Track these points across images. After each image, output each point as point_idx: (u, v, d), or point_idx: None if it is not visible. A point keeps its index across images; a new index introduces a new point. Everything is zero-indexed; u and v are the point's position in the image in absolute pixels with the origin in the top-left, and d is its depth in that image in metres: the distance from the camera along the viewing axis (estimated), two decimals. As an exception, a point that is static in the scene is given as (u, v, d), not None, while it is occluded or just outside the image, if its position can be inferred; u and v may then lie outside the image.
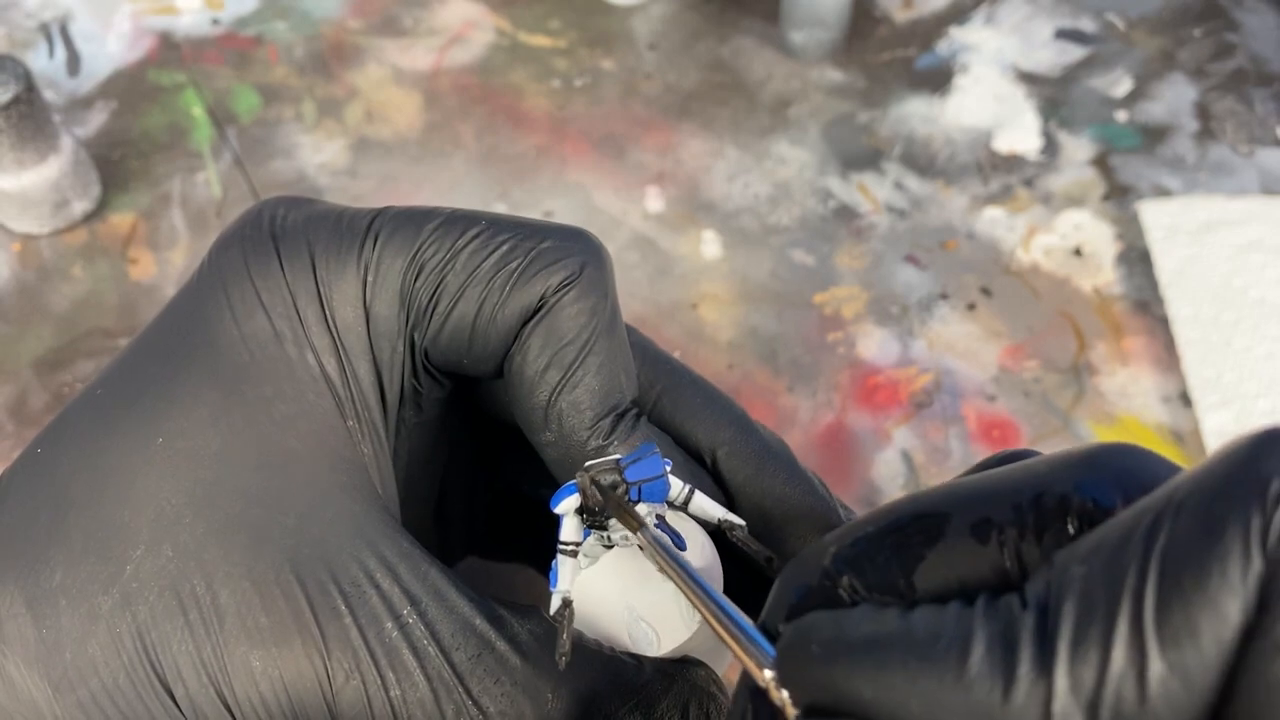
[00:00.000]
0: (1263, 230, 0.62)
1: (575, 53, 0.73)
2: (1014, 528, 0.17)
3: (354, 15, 0.75)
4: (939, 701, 0.15)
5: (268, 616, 0.21)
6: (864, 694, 0.15)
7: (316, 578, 0.22)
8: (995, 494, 0.17)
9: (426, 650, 0.21)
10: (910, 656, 0.15)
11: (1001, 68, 0.72)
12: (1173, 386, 0.57)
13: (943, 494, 0.18)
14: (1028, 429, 0.55)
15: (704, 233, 0.63)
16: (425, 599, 0.22)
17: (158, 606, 0.22)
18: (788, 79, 0.71)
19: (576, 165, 0.67)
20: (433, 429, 0.29)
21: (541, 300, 0.25)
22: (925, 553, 0.17)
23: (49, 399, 0.56)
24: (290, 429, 0.23)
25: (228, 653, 0.21)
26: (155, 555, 0.22)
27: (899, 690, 0.15)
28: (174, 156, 0.67)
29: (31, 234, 0.63)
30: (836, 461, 0.54)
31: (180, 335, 0.25)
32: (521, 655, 0.22)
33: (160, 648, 0.22)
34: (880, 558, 0.18)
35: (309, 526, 0.22)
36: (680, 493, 0.23)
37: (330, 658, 0.21)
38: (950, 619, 0.15)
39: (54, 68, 0.72)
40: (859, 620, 0.16)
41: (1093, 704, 0.14)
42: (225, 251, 0.26)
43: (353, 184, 0.66)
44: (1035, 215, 0.64)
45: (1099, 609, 0.14)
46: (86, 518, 0.23)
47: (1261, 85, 0.70)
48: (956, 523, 0.17)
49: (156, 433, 0.23)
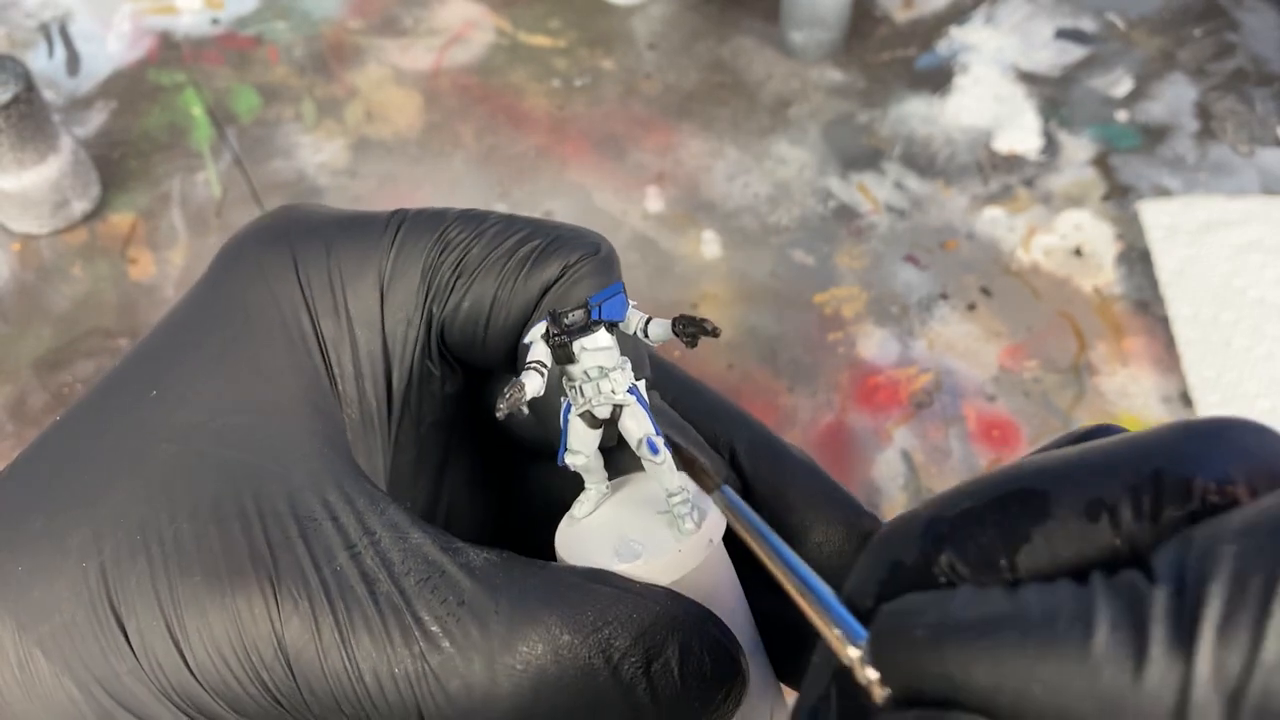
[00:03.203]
0: (1262, 230, 0.62)
1: (575, 53, 0.73)
2: (1129, 507, 0.16)
3: (354, 15, 0.75)
4: (1063, 685, 0.14)
5: (223, 548, 0.22)
6: (979, 680, 0.15)
7: (275, 510, 0.22)
8: (1106, 470, 0.16)
9: (377, 576, 0.22)
10: (1028, 638, 0.14)
11: (1001, 68, 0.72)
12: (1173, 386, 0.57)
13: (1045, 469, 0.17)
14: (1028, 429, 0.55)
15: (704, 233, 0.63)
16: (381, 531, 0.22)
17: (123, 543, 0.22)
18: (788, 79, 0.71)
19: (576, 165, 0.67)
20: (444, 431, 0.29)
21: (562, 272, 0.25)
22: (1031, 532, 0.16)
23: (49, 399, 0.56)
24: (275, 383, 0.24)
25: (182, 586, 0.22)
26: (129, 495, 0.23)
27: (1019, 675, 0.14)
28: (174, 156, 0.67)
29: (31, 234, 0.63)
30: (836, 461, 0.54)
31: (184, 312, 0.26)
32: (472, 578, 0.22)
33: (119, 584, 0.22)
34: (983, 535, 0.17)
35: (276, 466, 0.23)
36: (639, 321, 0.24)
37: (280, 586, 0.22)
38: (1066, 597, 0.14)
39: (54, 68, 0.72)
40: (966, 602, 0.15)
41: (1235, 695, 0.13)
42: (239, 242, 0.27)
43: (353, 184, 0.66)
44: (1035, 215, 0.64)
45: (1253, 592, 0.13)
46: (74, 467, 0.24)
47: (1261, 85, 0.70)
48: (1065, 500, 0.16)
49: (150, 386, 0.24)
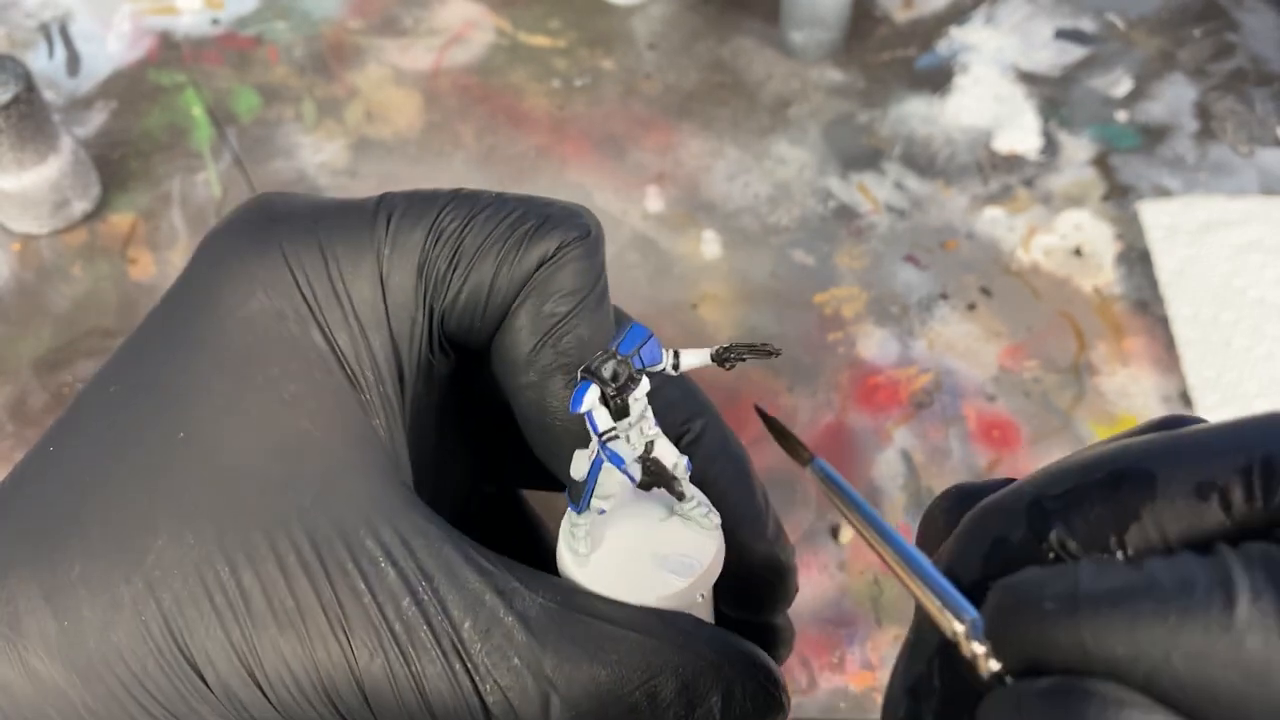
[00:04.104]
0: (1262, 230, 0.62)
1: (575, 53, 0.73)
2: (1240, 488, 0.16)
3: (354, 15, 0.75)
4: (1206, 654, 0.13)
5: (293, 598, 0.22)
6: (1117, 650, 0.14)
7: (336, 558, 0.23)
8: (1214, 453, 0.16)
9: (442, 626, 0.22)
10: (1167, 607, 0.14)
11: (1001, 68, 0.72)
12: (1173, 386, 0.57)
13: (1150, 450, 0.17)
14: (1028, 429, 0.55)
15: (704, 233, 0.63)
16: (437, 574, 0.23)
17: (182, 593, 0.22)
18: (788, 79, 0.71)
19: (576, 165, 0.67)
20: (436, 409, 0.29)
21: (557, 251, 0.26)
22: (1140, 510, 0.16)
23: (49, 399, 0.56)
24: (300, 409, 0.24)
25: (256, 635, 0.22)
26: (177, 543, 0.23)
27: (1158, 644, 0.14)
28: (174, 156, 0.67)
29: (31, 234, 0.63)
30: (836, 461, 0.54)
31: (183, 324, 0.25)
32: (526, 628, 0.23)
33: (188, 632, 0.22)
34: (1092, 512, 0.16)
35: (326, 507, 0.23)
36: (669, 357, 0.24)
37: (353, 637, 0.22)
38: (1197, 568, 0.14)
39: (54, 68, 0.72)
40: (1093, 574, 0.15)
41: None
42: (218, 238, 0.26)
43: (353, 184, 0.66)
44: (1035, 215, 0.64)
45: None
46: (105, 510, 0.23)
47: (1261, 85, 0.70)
48: (1174, 480, 0.16)
49: (177, 427, 0.24)
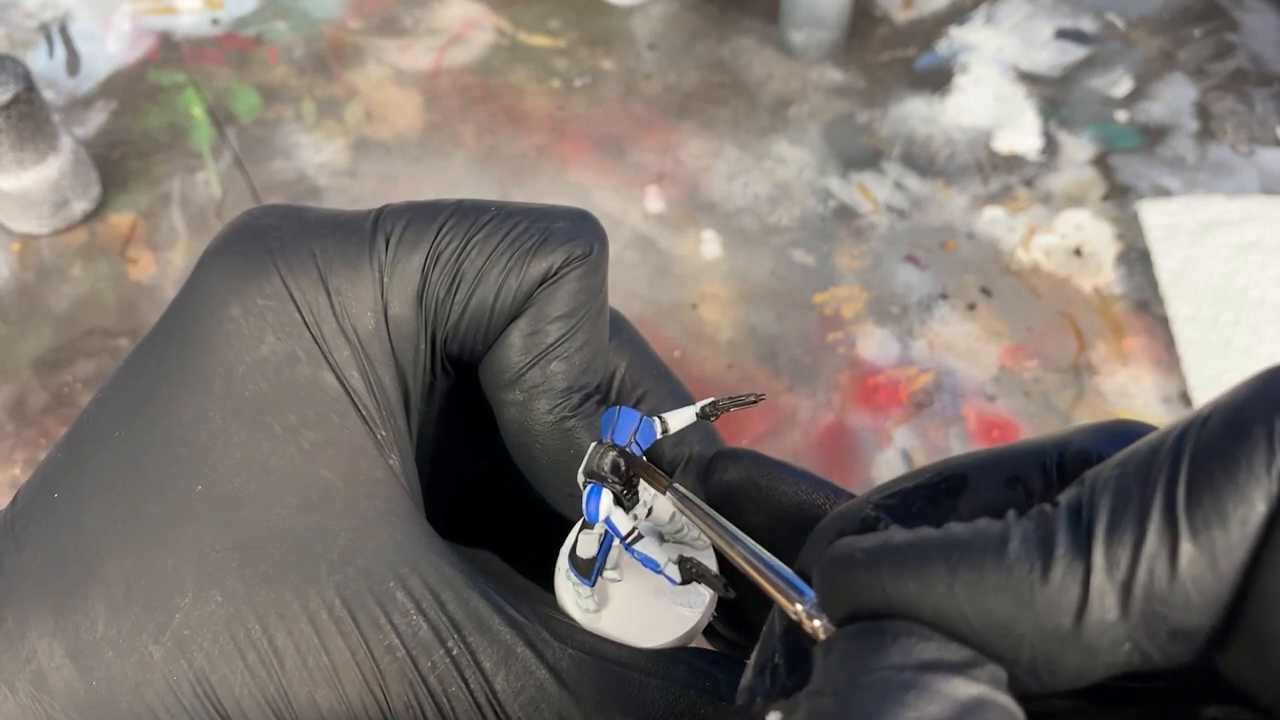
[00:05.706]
0: (1262, 230, 0.62)
1: (575, 53, 0.73)
2: (1039, 478, 0.18)
3: (354, 15, 0.75)
4: (981, 586, 0.16)
5: (327, 656, 0.23)
6: (909, 588, 0.16)
7: (369, 614, 0.23)
8: (1021, 456, 0.19)
9: (476, 680, 0.23)
10: (952, 553, 0.16)
11: (1001, 68, 0.72)
12: (1173, 386, 0.57)
13: (969, 459, 0.20)
14: (1028, 429, 0.55)
15: (704, 233, 0.63)
16: (468, 625, 0.23)
17: (214, 651, 0.22)
18: (788, 79, 0.71)
19: (576, 165, 0.67)
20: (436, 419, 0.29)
21: (557, 271, 0.26)
22: (956, 502, 0.19)
23: (48, 399, 0.56)
24: (320, 458, 0.24)
25: (292, 693, 0.23)
26: (204, 601, 0.23)
27: (943, 582, 0.16)
28: (174, 156, 0.67)
29: (31, 234, 0.63)
30: (836, 461, 0.54)
31: (191, 363, 0.24)
32: (558, 682, 0.23)
33: (222, 691, 0.22)
34: (915, 507, 0.19)
35: (354, 560, 0.23)
36: (658, 426, 0.25)
37: (389, 691, 0.23)
38: (984, 523, 0.17)
39: (54, 68, 0.72)
40: (900, 533, 0.18)
41: (1127, 582, 0.15)
42: (218, 270, 0.25)
43: (353, 184, 0.66)
44: (1035, 215, 0.64)
45: (1133, 498, 0.15)
46: (126, 567, 0.23)
47: (1261, 85, 0.70)
48: (985, 479, 0.19)
49: (194, 481, 0.24)
